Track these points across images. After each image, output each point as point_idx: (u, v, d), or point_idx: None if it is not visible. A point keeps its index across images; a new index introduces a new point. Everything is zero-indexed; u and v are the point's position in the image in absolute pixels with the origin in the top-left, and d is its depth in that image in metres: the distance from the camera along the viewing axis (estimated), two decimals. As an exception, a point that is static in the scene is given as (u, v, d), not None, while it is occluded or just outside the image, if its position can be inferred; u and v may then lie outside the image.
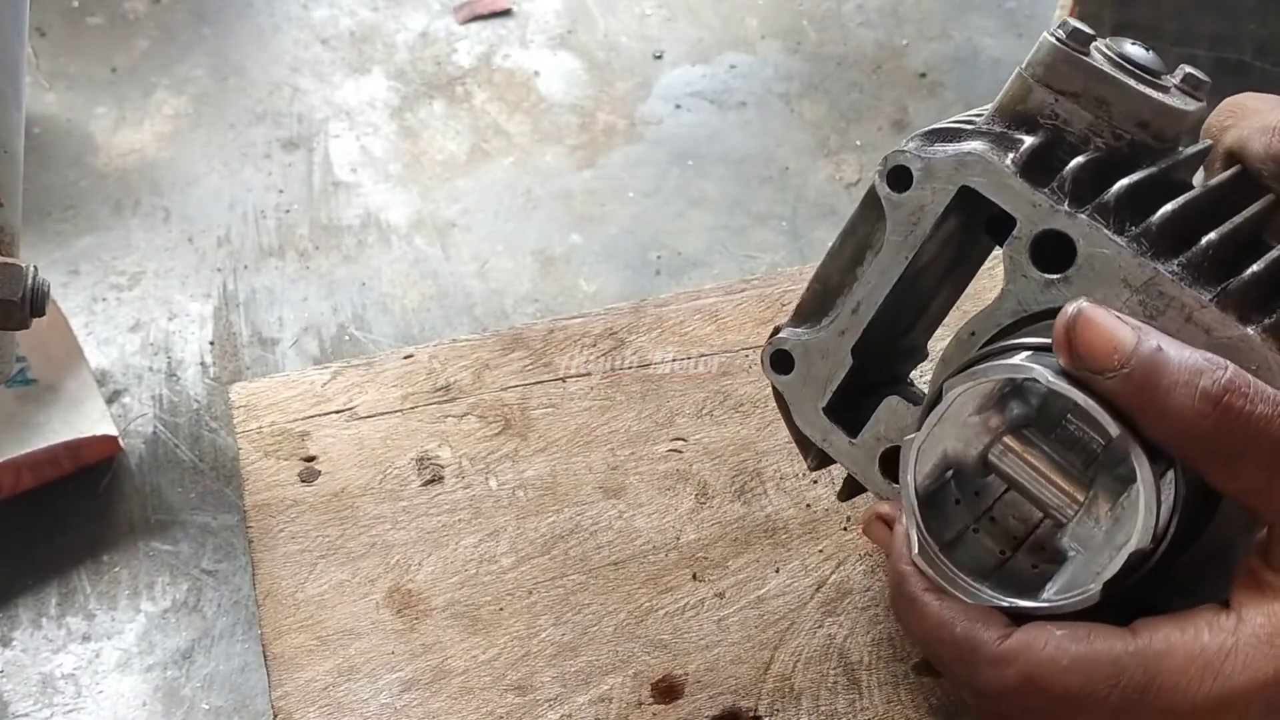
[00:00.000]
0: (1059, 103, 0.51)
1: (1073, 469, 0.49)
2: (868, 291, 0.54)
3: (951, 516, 0.51)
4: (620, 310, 0.78)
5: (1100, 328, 0.44)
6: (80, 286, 1.82)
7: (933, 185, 0.52)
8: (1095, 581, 0.45)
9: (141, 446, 1.63)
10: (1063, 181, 0.49)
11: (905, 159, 0.52)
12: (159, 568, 1.52)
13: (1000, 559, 0.51)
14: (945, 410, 0.48)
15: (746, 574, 0.66)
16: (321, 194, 1.98)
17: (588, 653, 0.63)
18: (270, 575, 0.66)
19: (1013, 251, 0.50)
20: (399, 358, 0.76)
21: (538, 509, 0.69)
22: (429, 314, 1.82)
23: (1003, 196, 0.50)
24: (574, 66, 2.22)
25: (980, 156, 0.50)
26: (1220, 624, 0.44)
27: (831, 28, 2.29)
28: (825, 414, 0.57)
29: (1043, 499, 0.49)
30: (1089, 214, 0.48)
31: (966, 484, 0.52)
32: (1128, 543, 0.44)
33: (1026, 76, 0.52)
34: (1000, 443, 0.49)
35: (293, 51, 2.23)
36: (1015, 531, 0.52)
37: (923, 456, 0.49)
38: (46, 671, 1.43)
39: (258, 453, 0.71)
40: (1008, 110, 0.52)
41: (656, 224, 1.95)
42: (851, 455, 0.56)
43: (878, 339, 0.56)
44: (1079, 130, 0.51)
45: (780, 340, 0.57)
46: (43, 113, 2.06)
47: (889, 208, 0.53)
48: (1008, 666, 0.46)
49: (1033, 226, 0.49)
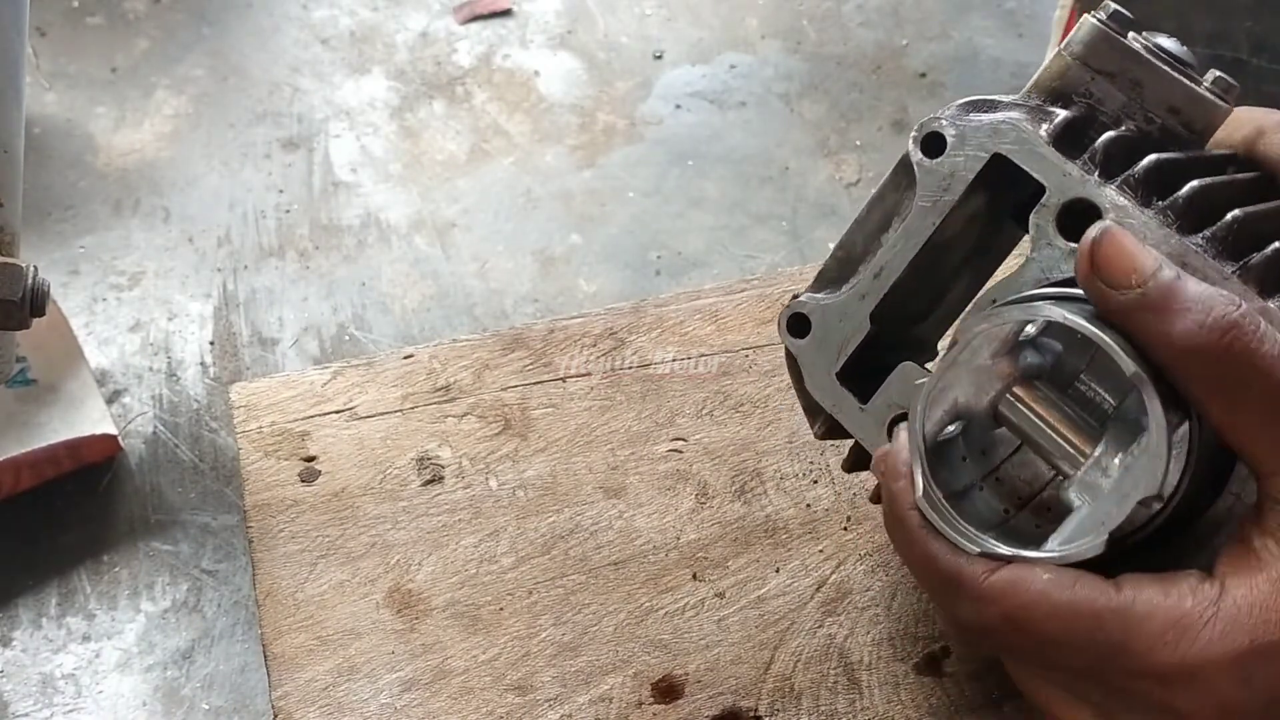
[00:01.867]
0: (1095, 81, 0.52)
1: (1083, 422, 0.49)
2: (892, 256, 0.55)
3: (957, 471, 0.51)
4: (620, 310, 0.78)
5: (1124, 247, 0.45)
6: (80, 286, 1.82)
7: (965, 151, 0.52)
8: (1100, 531, 0.45)
9: (141, 446, 1.63)
10: (1094, 154, 0.50)
11: (940, 125, 0.53)
12: (159, 568, 1.52)
13: (1003, 517, 0.51)
14: (959, 353, 0.48)
15: (746, 574, 0.66)
16: (321, 194, 1.98)
17: (588, 653, 0.63)
18: (270, 575, 0.66)
19: (1039, 219, 0.51)
20: (399, 358, 0.76)
21: (538, 509, 0.69)
22: (429, 314, 1.82)
23: (1034, 164, 0.50)
24: (574, 66, 2.22)
25: (1014, 125, 0.51)
26: (1203, 591, 0.44)
27: (831, 28, 2.29)
28: (838, 379, 0.57)
29: (1051, 450, 0.49)
30: (1118, 185, 0.49)
31: (974, 442, 0.52)
32: (1135, 488, 0.44)
33: (1065, 55, 0.53)
34: (1011, 391, 0.49)
35: (293, 51, 2.23)
36: (1020, 492, 0.52)
37: (933, 403, 0.49)
38: (46, 671, 1.43)
39: (258, 453, 0.71)
40: (1044, 86, 0.54)
41: (656, 224, 1.95)
42: (861, 422, 0.56)
43: (893, 311, 0.56)
44: (1112, 110, 0.52)
45: (798, 304, 0.57)
46: (43, 113, 2.06)
47: (920, 173, 0.53)
48: (990, 604, 0.46)
49: (1061, 195, 0.50)
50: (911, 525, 0.49)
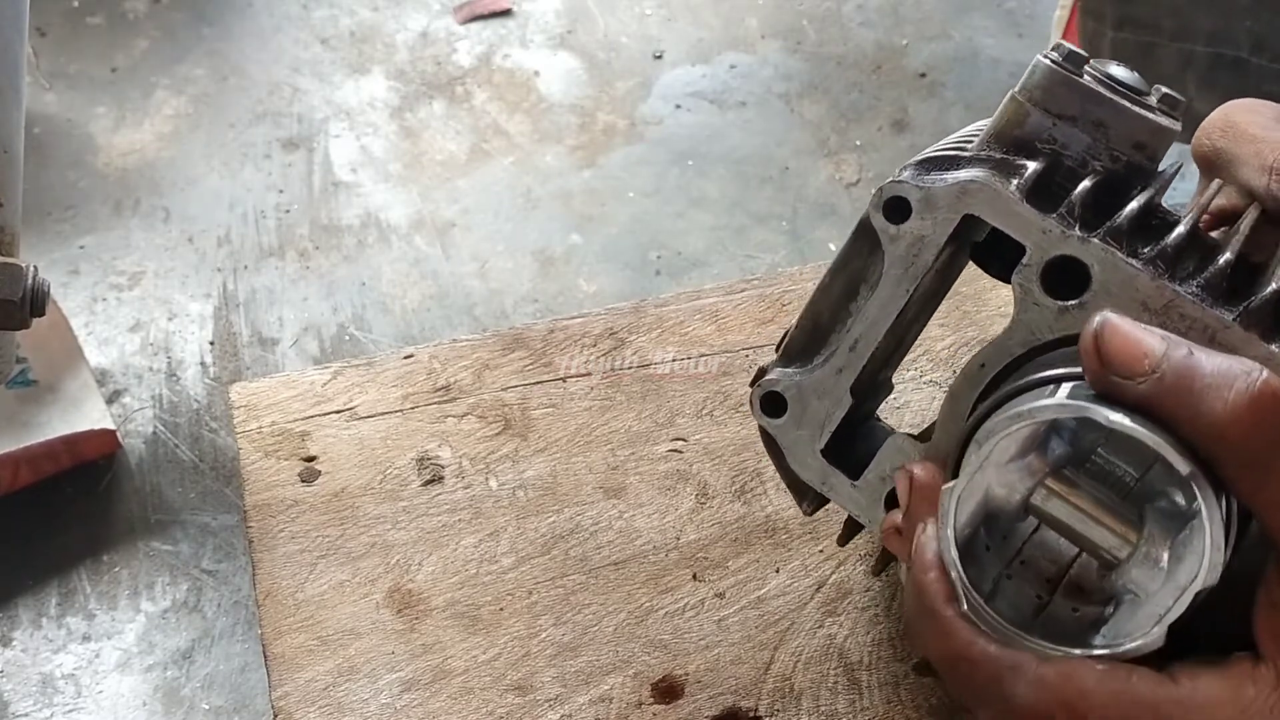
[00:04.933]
0: (1057, 126, 0.50)
1: (1119, 507, 0.46)
2: (866, 327, 0.52)
3: (984, 564, 0.49)
4: (620, 310, 0.78)
5: (1128, 335, 0.43)
6: (80, 286, 1.82)
7: (934, 215, 0.50)
8: (1159, 624, 0.43)
9: (141, 446, 1.63)
10: (1071, 206, 0.48)
11: (903, 189, 0.50)
12: (159, 568, 1.52)
13: (1039, 604, 0.49)
14: (988, 455, 0.45)
15: (746, 574, 0.66)
16: (321, 194, 1.98)
17: (588, 653, 0.63)
18: (270, 575, 0.66)
19: (1022, 280, 0.48)
20: (399, 358, 0.76)
21: (538, 509, 0.69)
22: (429, 314, 1.82)
23: (1010, 224, 0.48)
24: (574, 66, 2.22)
25: (984, 184, 0.49)
26: (1261, 676, 0.43)
27: (831, 28, 2.29)
28: (823, 456, 0.55)
29: (1093, 541, 0.46)
30: (1101, 238, 0.47)
31: (994, 529, 0.49)
32: (1194, 581, 0.42)
33: (1022, 100, 0.50)
34: (1043, 485, 0.46)
35: (293, 51, 2.23)
36: (1047, 573, 0.49)
37: (961, 505, 0.46)
38: (46, 671, 1.43)
39: (258, 453, 0.71)
40: (1005, 135, 0.51)
41: (656, 224, 1.95)
42: (854, 498, 0.54)
43: (875, 373, 0.55)
44: (1077, 154, 0.50)
45: (771, 382, 0.55)
46: (43, 113, 2.06)
47: (886, 240, 0.51)
48: (1047, 691, 0.45)
49: (1043, 253, 0.48)
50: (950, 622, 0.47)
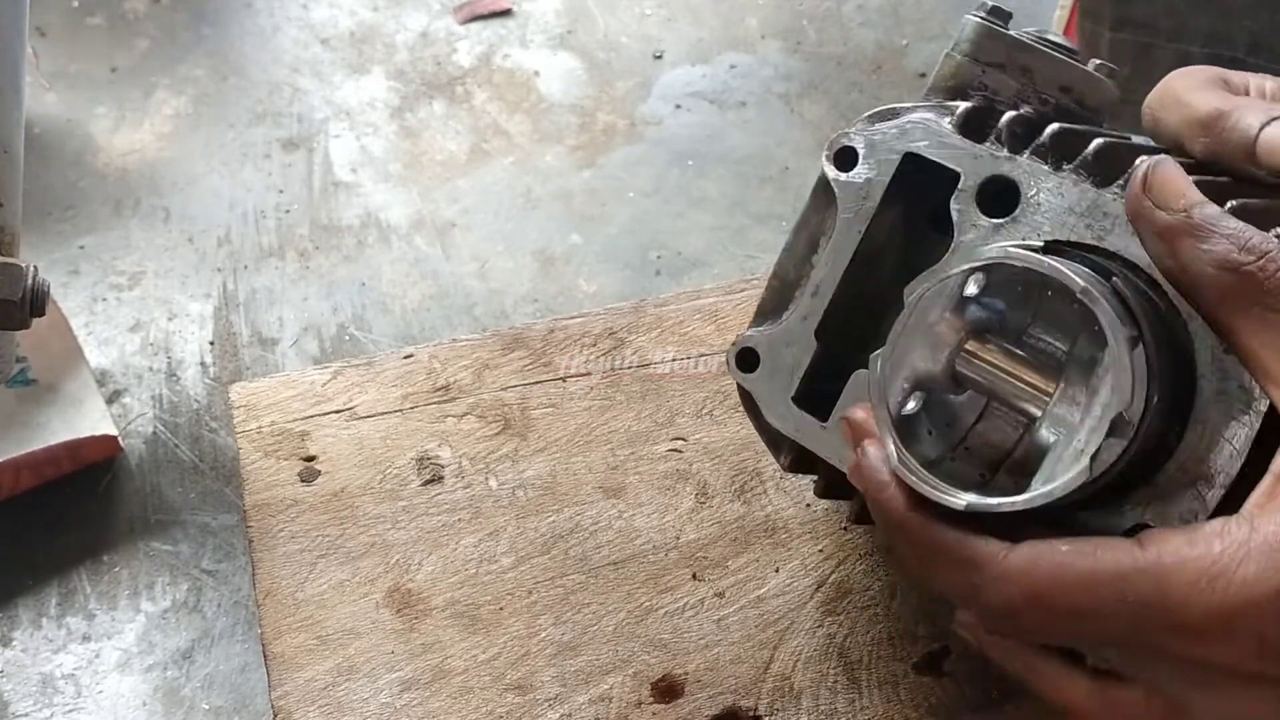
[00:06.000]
0: (986, 74, 0.55)
1: (1041, 364, 0.49)
2: (825, 273, 0.56)
3: (926, 447, 0.51)
4: (620, 310, 0.78)
5: (1175, 176, 0.47)
6: (80, 286, 1.82)
7: (877, 157, 0.55)
8: (1081, 459, 0.45)
9: (141, 446, 1.63)
10: (999, 133, 0.52)
11: (849, 139, 0.55)
12: (159, 568, 1.52)
13: (981, 480, 0.51)
14: (909, 318, 0.49)
15: (746, 573, 0.66)
16: (321, 194, 1.98)
17: (588, 652, 0.63)
18: (270, 575, 0.66)
19: (960, 204, 0.52)
20: (399, 358, 0.76)
21: (538, 509, 0.69)
22: (429, 314, 1.82)
23: (945, 154, 0.53)
24: (574, 66, 2.22)
25: (919, 122, 0.54)
26: (1231, 532, 0.43)
27: (831, 28, 2.29)
28: (795, 404, 0.57)
29: (1016, 396, 0.49)
30: (1028, 156, 0.51)
31: (937, 416, 0.52)
32: (1107, 408, 0.45)
33: (954, 54, 0.56)
34: (965, 349, 0.49)
35: (293, 51, 2.23)
36: (992, 456, 0.51)
37: (891, 373, 0.49)
38: (46, 671, 1.43)
39: (258, 453, 0.71)
40: (940, 87, 0.56)
41: (656, 224, 1.95)
42: (825, 440, 0.56)
43: (838, 326, 0.57)
44: (1008, 97, 0.55)
45: (744, 339, 0.58)
46: (43, 113, 2.06)
47: (838, 188, 0.56)
48: (1013, 584, 0.45)
49: (977, 176, 0.52)
50: (913, 526, 0.48)
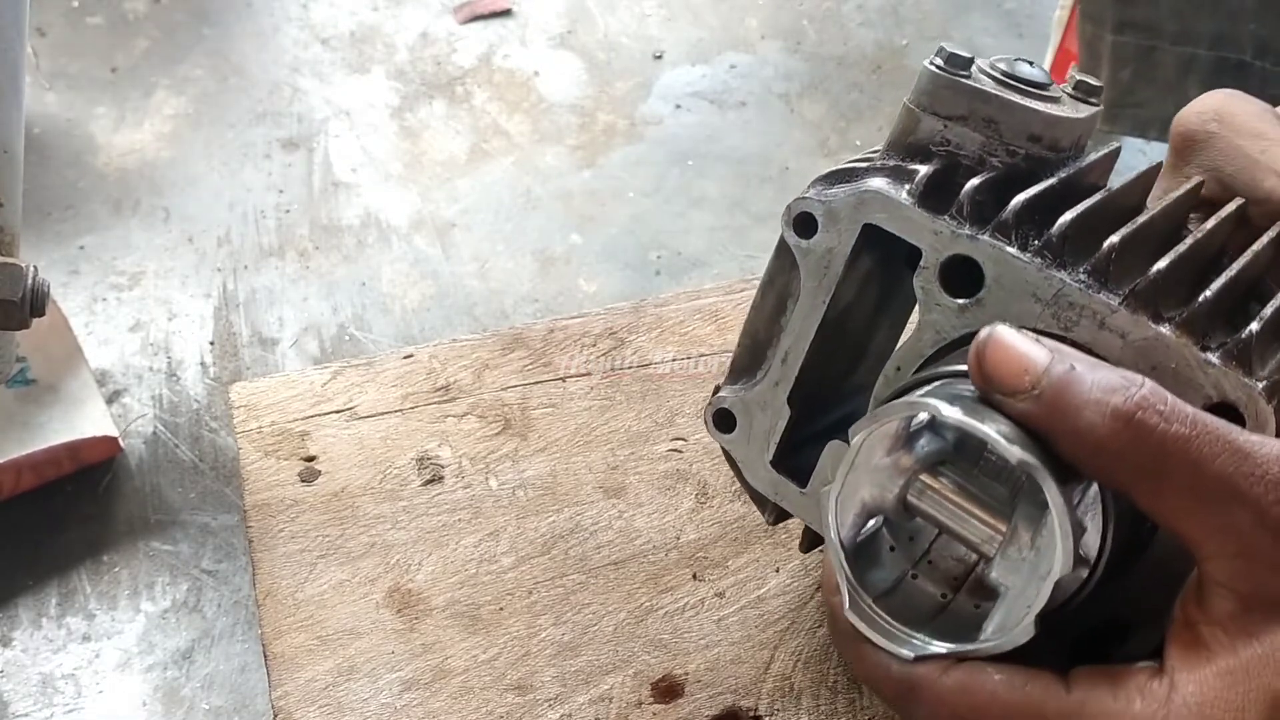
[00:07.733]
0: (948, 128, 0.51)
1: (993, 500, 0.47)
2: (793, 340, 0.54)
3: (887, 564, 0.50)
4: (620, 310, 0.78)
5: (1011, 350, 0.43)
6: (80, 286, 1.82)
7: (837, 227, 0.52)
8: (1027, 615, 0.44)
9: (141, 446, 1.63)
10: (960, 205, 0.49)
11: (807, 204, 0.52)
12: (159, 568, 1.52)
13: (942, 602, 0.50)
14: (854, 456, 0.46)
15: (746, 573, 0.66)
16: (321, 194, 1.98)
17: (588, 652, 0.63)
18: (270, 575, 0.66)
19: (923, 282, 0.49)
20: (399, 358, 0.76)
21: (538, 509, 0.69)
22: (429, 314, 1.82)
23: (904, 229, 0.50)
24: (574, 66, 2.22)
25: (877, 192, 0.50)
26: (1152, 691, 0.43)
27: (831, 28, 2.29)
28: (773, 467, 0.56)
29: (965, 535, 0.47)
30: (990, 234, 0.48)
31: (899, 530, 0.51)
32: (1050, 572, 0.43)
33: (913, 107, 0.52)
34: (916, 482, 0.48)
35: (293, 51, 2.23)
36: (954, 572, 0.50)
37: (843, 506, 0.47)
38: (46, 671, 1.43)
39: (258, 453, 0.71)
40: (900, 144, 0.52)
41: (656, 224, 1.95)
42: (804, 506, 0.55)
43: (814, 385, 0.55)
44: (973, 152, 0.51)
45: (720, 399, 0.57)
46: (43, 113, 2.06)
47: (799, 255, 0.53)
48: (944, 706, 0.46)
49: (938, 254, 0.49)
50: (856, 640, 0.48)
